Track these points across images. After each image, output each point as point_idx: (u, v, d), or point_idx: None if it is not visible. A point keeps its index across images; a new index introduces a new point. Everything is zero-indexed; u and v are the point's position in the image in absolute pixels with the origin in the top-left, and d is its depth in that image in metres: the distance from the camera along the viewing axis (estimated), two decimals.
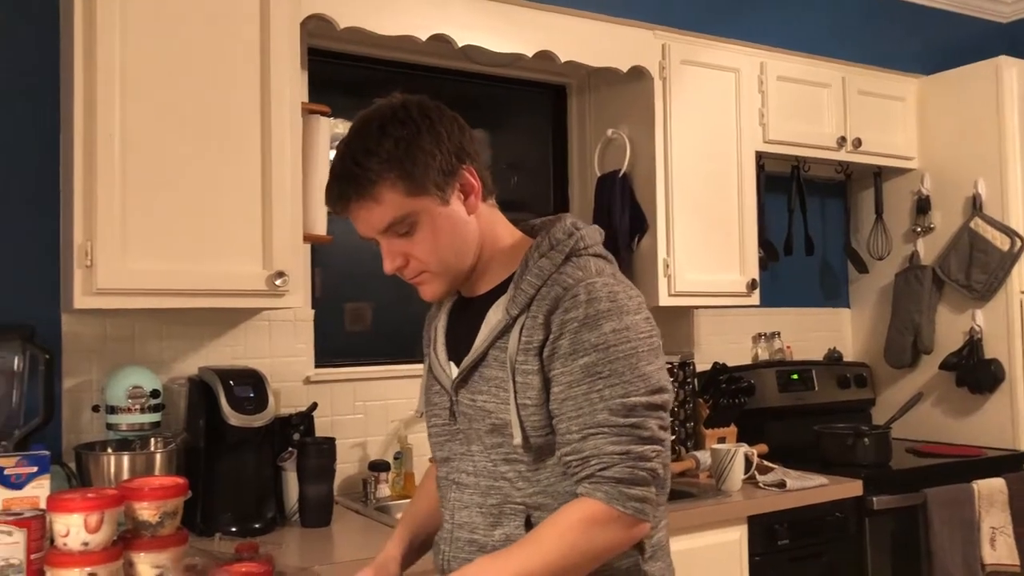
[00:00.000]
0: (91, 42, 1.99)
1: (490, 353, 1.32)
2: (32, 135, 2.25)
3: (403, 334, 2.96)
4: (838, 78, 3.26)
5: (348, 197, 1.29)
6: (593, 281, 1.27)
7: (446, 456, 1.41)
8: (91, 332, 2.28)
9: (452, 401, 1.38)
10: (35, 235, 2.23)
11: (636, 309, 1.28)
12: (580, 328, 1.24)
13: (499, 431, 1.31)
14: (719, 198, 2.96)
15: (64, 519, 1.45)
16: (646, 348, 1.26)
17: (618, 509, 1.21)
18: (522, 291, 1.30)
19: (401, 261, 1.33)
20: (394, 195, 1.27)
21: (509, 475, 1.31)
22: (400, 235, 1.30)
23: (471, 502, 1.35)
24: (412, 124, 1.28)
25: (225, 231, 2.12)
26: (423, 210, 1.28)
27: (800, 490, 2.63)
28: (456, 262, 1.34)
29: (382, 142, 1.26)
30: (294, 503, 2.26)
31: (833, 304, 3.77)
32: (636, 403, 1.23)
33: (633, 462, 1.21)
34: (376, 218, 1.29)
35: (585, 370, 1.23)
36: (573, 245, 1.33)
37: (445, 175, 1.29)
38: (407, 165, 1.26)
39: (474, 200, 1.34)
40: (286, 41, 2.21)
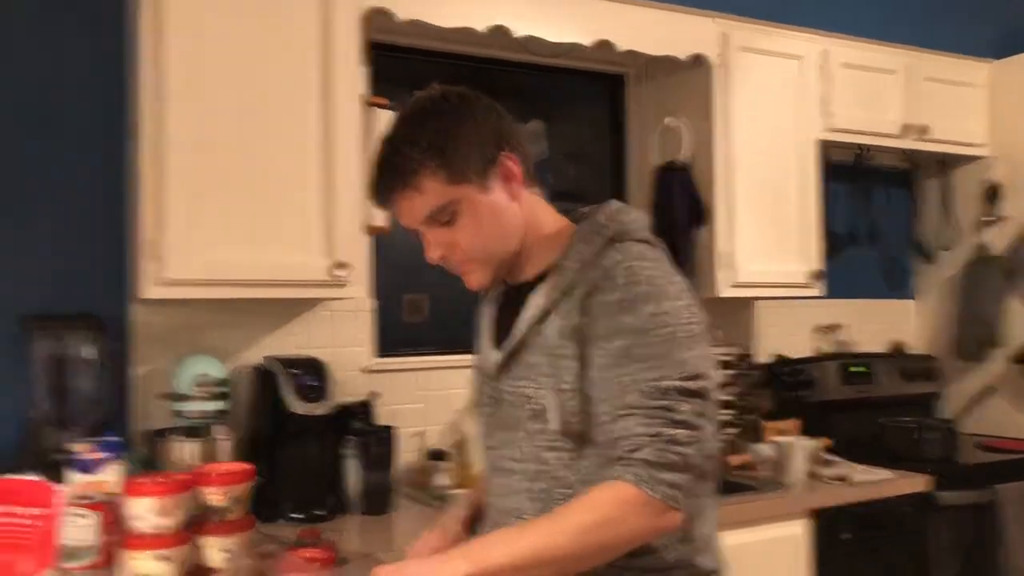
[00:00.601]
0: (160, 40, 2.04)
1: (530, 338, 1.32)
2: (102, 130, 2.31)
3: (460, 324, 2.98)
4: (903, 64, 3.19)
5: (390, 188, 1.30)
6: (632, 264, 1.25)
7: (492, 444, 1.42)
8: (160, 322, 2.34)
9: (495, 388, 1.39)
10: (107, 229, 2.30)
11: (676, 295, 1.25)
12: (616, 311, 1.22)
13: (539, 417, 1.30)
14: (780, 187, 2.92)
15: (137, 503, 1.49)
16: (685, 334, 1.22)
17: (647, 493, 1.16)
18: (563, 276, 1.30)
19: (445, 250, 1.33)
20: (435, 183, 1.27)
21: (552, 462, 1.30)
22: (442, 224, 1.30)
23: (519, 488, 1.35)
24: (451, 113, 1.30)
25: (289, 223, 2.16)
26: (464, 198, 1.28)
27: (864, 484, 2.58)
28: (499, 249, 1.33)
29: (422, 132, 1.27)
30: (355, 491, 2.29)
31: (898, 295, 3.69)
32: (669, 386, 1.19)
33: (664, 444, 1.17)
34: (418, 207, 1.29)
35: (620, 352, 1.21)
36: (615, 229, 1.31)
37: (485, 162, 1.29)
38: (447, 153, 1.27)
39: (516, 186, 1.33)
40: (347, 35, 2.24)
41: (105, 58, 2.31)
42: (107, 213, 2.30)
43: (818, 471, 2.64)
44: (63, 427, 2.07)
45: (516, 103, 3.13)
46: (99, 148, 2.31)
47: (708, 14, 2.81)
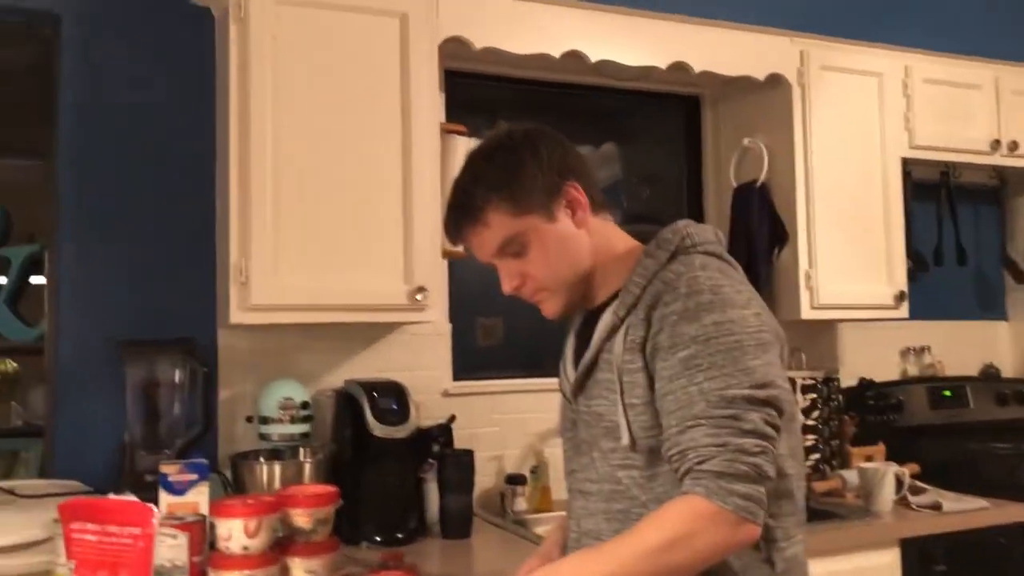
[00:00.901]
0: (245, 70, 2.11)
1: (600, 356, 1.34)
2: (190, 160, 2.39)
3: (535, 348, 2.98)
4: (990, 78, 3.09)
5: (461, 225, 1.37)
6: (695, 275, 1.26)
7: (572, 468, 1.43)
8: (245, 346, 2.40)
9: (573, 410, 1.41)
10: (195, 256, 2.37)
11: (744, 304, 1.24)
12: (679, 321, 1.22)
13: (612, 435, 1.30)
14: (863, 207, 2.85)
15: (226, 524, 1.53)
16: (753, 342, 1.21)
17: (719, 505, 1.13)
18: (629, 291, 1.31)
19: (518, 281, 1.38)
20: (501, 217, 1.33)
21: (626, 481, 1.30)
22: (513, 255, 1.35)
23: (596, 509, 1.35)
24: (513, 149, 1.36)
25: (369, 248, 2.20)
26: (530, 228, 1.33)
27: (958, 513, 2.49)
28: (569, 275, 1.36)
29: (486, 169, 1.35)
30: (435, 514, 2.30)
31: (989, 316, 3.56)
32: (736, 395, 1.17)
33: (732, 454, 1.15)
34: (488, 241, 1.35)
35: (684, 363, 1.20)
36: (679, 243, 1.33)
37: (549, 193, 1.34)
38: (510, 187, 1.32)
39: (582, 214, 1.36)
40: (425, 64, 2.28)
41: (191, 88, 2.39)
42: (198, 241, 2.37)
43: (907, 499, 2.56)
44: (155, 449, 2.14)
45: (590, 126, 3.15)
46: (191, 177, 2.39)
47: (786, 33, 2.78)
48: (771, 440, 1.18)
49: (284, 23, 2.14)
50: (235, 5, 2.11)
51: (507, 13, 2.42)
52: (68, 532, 1.37)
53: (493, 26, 2.41)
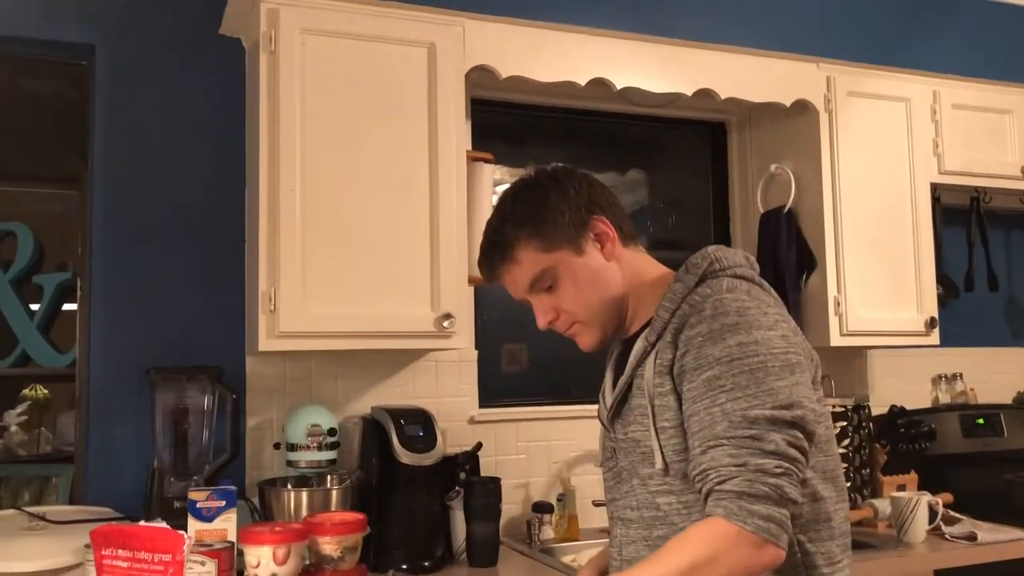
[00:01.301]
0: (274, 100, 2.14)
1: (634, 383, 1.35)
2: (220, 189, 2.42)
3: (560, 374, 2.98)
4: (1020, 103, 3.07)
5: (494, 263, 1.42)
6: (722, 297, 1.27)
7: (613, 497, 1.43)
8: (273, 373, 2.41)
9: (612, 439, 1.42)
10: (224, 284, 2.39)
11: (770, 325, 1.24)
12: (704, 342, 1.23)
13: (649, 460, 1.31)
14: (892, 233, 2.83)
15: (255, 551, 1.53)
16: (778, 364, 1.21)
17: (739, 525, 1.13)
18: (659, 317, 1.33)
19: (552, 315, 1.42)
20: (530, 253, 1.38)
21: (665, 508, 1.30)
22: (545, 290, 1.39)
23: (637, 536, 1.35)
24: (540, 188, 1.41)
25: (396, 275, 2.21)
26: (560, 262, 1.37)
27: (994, 544, 2.44)
28: (601, 307, 1.39)
29: (515, 208, 1.40)
30: (461, 542, 2.29)
31: (1022, 343, 3.50)
32: (759, 416, 1.17)
33: (752, 475, 1.14)
34: (520, 277, 1.40)
35: (707, 384, 1.21)
36: (707, 268, 1.34)
37: (576, 227, 1.38)
38: (538, 223, 1.37)
39: (611, 247, 1.40)
40: (452, 92, 2.30)
41: (222, 118, 2.43)
42: (228, 269, 2.39)
43: (941, 528, 2.51)
44: (183, 475, 2.15)
45: (616, 153, 3.16)
46: (220, 206, 2.41)
47: (812, 59, 2.78)
48: (796, 463, 1.17)
49: (313, 53, 2.17)
50: (265, 36, 2.15)
51: (533, 41, 2.44)
52: (99, 558, 1.38)
53: (519, 55, 2.42)
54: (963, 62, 3.02)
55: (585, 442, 2.74)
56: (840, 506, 1.31)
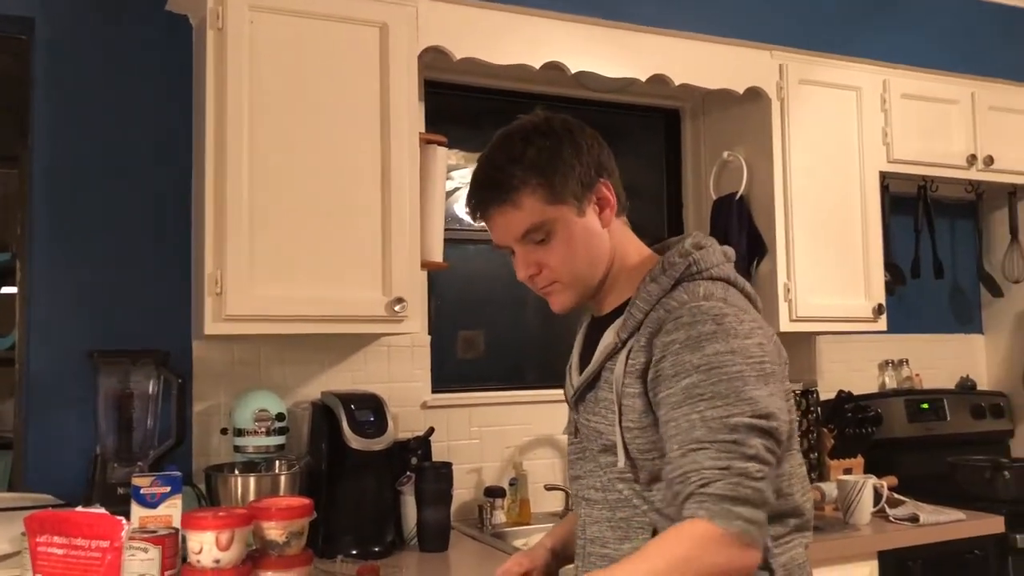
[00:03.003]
0: (222, 79, 2.09)
1: (602, 375, 1.34)
2: (166, 169, 2.36)
3: (516, 362, 2.98)
4: (967, 94, 3.12)
5: (490, 202, 1.34)
6: (699, 304, 1.25)
7: (576, 474, 1.43)
8: (220, 357, 2.37)
9: (575, 418, 1.41)
10: (169, 266, 2.34)
11: (747, 333, 1.23)
12: (681, 349, 1.22)
13: (610, 452, 1.32)
14: (841, 220, 2.87)
15: (198, 536, 1.50)
16: (755, 373, 1.20)
17: (723, 527, 1.12)
18: (631, 315, 1.31)
19: (534, 269, 1.36)
20: (534, 201, 1.31)
21: (626, 493, 1.31)
22: (536, 243, 1.33)
23: (600, 517, 1.36)
24: (554, 136, 1.34)
25: (347, 259, 2.18)
26: (560, 218, 1.32)
27: (935, 525, 2.49)
28: (586, 273, 1.35)
29: (525, 150, 1.32)
30: (412, 527, 2.28)
31: (965, 330, 3.58)
32: (739, 423, 1.17)
33: (737, 478, 1.14)
34: (515, 224, 1.33)
35: (686, 391, 1.20)
36: (685, 270, 1.32)
37: (583, 187, 1.33)
38: (548, 173, 1.31)
39: (609, 214, 1.36)
40: (404, 74, 2.27)
41: (169, 99, 2.37)
42: (174, 251, 2.34)
43: (886, 511, 2.56)
44: (127, 461, 2.10)
45: None
46: (166, 186, 2.36)
47: (765, 47, 2.79)
48: (772, 467, 1.19)
49: (262, 31, 2.13)
50: (212, 13, 2.10)
51: (487, 23, 2.42)
52: (34, 546, 1.34)
53: (473, 36, 2.40)
54: (912, 53, 3.06)
55: (539, 427, 2.75)
56: (804, 499, 1.33)
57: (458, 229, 2.86)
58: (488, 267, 3.00)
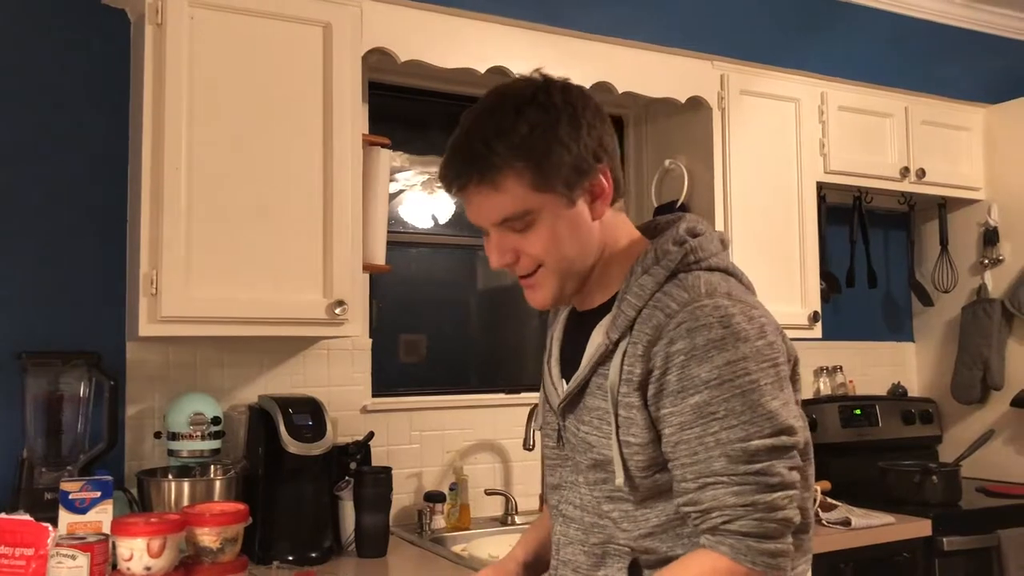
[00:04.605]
0: (160, 77, 2.05)
1: (592, 380, 1.21)
2: (100, 167, 2.31)
3: (459, 366, 2.97)
4: (901, 108, 3.21)
5: (467, 178, 1.17)
6: (701, 305, 1.12)
7: (556, 483, 1.31)
8: (155, 359, 2.32)
9: (560, 425, 1.28)
10: (102, 265, 2.28)
11: (757, 334, 1.12)
12: (687, 361, 1.10)
13: (602, 467, 1.20)
14: (779, 229, 2.92)
15: (128, 543, 1.47)
16: (769, 380, 1.10)
17: (746, 566, 1.07)
18: (622, 313, 1.17)
19: (510, 257, 1.21)
20: (518, 187, 1.15)
21: (613, 514, 1.20)
22: (515, 230, 1.19)
23: (575, 538, 1.26)
24: (553, 110, 1.16)
25: (286, 260, 2.15)
26: (544, 208, 1.16)
27: (866, 528, 2.55)
28: (569, 268, 1.21)
29: (516, 124, 1.15)
30: (350, 533, 2.25)
31: (897, 338, 3.68)
32: (759, 447, 1.07)
33: (761, 514, 1.07)
34: (492, 207, 1.17)
35: (696, 410, 1.09)
36: (681, 259, 1.18)
37: (577, 173, 1.17)
38: (538, 156, 1.14)
39: (601, 206, 1.21)
40: (348, 74, 2.25)
41: (105, 95, 2.32)
42: (108, 249, 2.29)
43: (819, 515, 2.61)
44: (56, 466, 2.05)
45: None
46: (100, 184, 2.30)
47: (707, 57, 2.83)
48: (796, 488, 1.11)
49: (202, 28, 2.09)
50: (151, 8, 2.05)
51: (433, 27, 2.41)
52: None
53: (418, 39, 2.39)
54: (849, 66, 3.14)
55: (481, 431, 2.74)
56: (811, 513, 1.26)
57: (401, 232, 2.85)
58: (432, 270, 2.99)
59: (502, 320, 3.10)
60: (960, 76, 3.47)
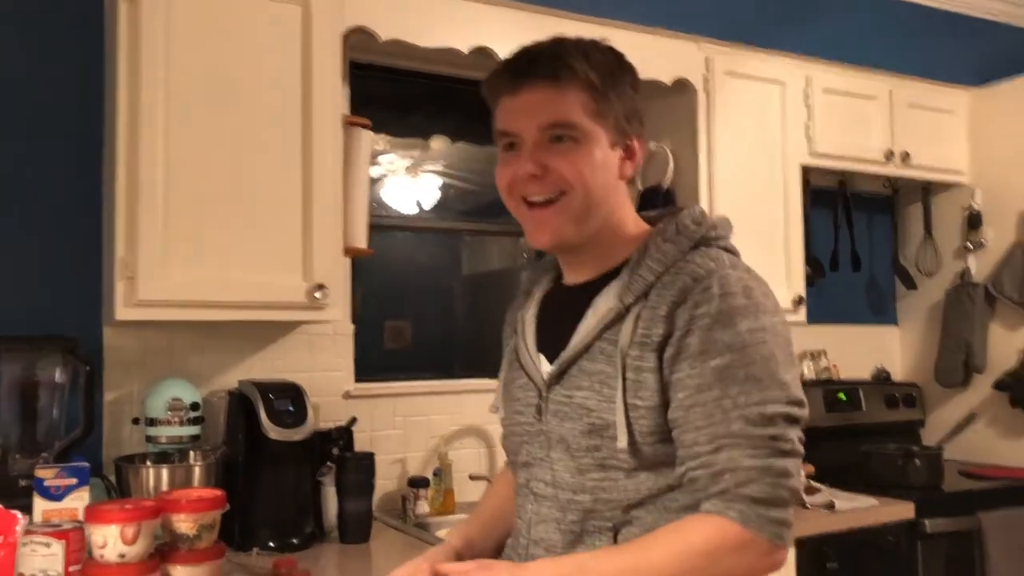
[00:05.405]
0: (135, 56, 2.01)
1: (596, 345, 1.20)
2: (76, 149, 2.26)
3: (444, 353, 2.95)
4: (886, 91, 3.20)
5: (534, 71, 1.20)
6: (727, 273, 1.15)
7: (525, 460, 1.30)
8: (132, 345, 2.28)
9: (542, 397, 1.26)
10: (79, 249, 2.25)
11: (773, 309, 1.16)
12: (712, 325, 1.11)
13: (598, 432, 1.18)
14: (764, 212, 2.91)
15: (101, 530, 1.44)
16: (784, 355, 1.13)
17: (754, 532, 1.07)
18: (640, 277, 1.18)
19: (538, 170, 1.20)
20: (579, 97, 1.19)
21: (604, 484, 1.18)
22: (553, 140, 1.20)
23: (548, 516, 1.24)
24: (621, 62, 1.26)
25: (266, 243, 2.12)
26: (592, 135, 1.20)
27: (850, 511, 2.55)
28: (595, 203, 1.21)
29: (597, 54, 1.22)
30: (333, 519, 2.23)
31: (881, 322, 3.68)
32: (776, 412, 1.09)
33: (774, 479, 1.07)
34: (549, 108, 1.19)
35: (717, 373, 1.10)
36: (703, 233, 1.22)
37: (628, 121, 1.24)
38: (606, 85, 1.20)
39: (630, 168, 1.26)
40: (328, 54, 2.21)
41: (80, 77, 2.27)
42: (84, 232, 2.25)
43: (803, 498, 2.61)
44: (31, 452, 2.01)
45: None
46: (74, 166, 2.26)
47: (692, 38, 2.81)
48: (800, 459, 1.13)
49: (179, 6, 2.04)
50: None
51: (415, 5, 2.38)
52: None
53: (400, 18, 2.36)
54: (835, 48, 3.13)
55: (464, 417, 2.72)
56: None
57: (385, 216, 2.82)
58: (416, 256, 2.97)
59: (487, 306, 3.07)
60: (945, 59, 3.47)
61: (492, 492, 1.53)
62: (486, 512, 1.48)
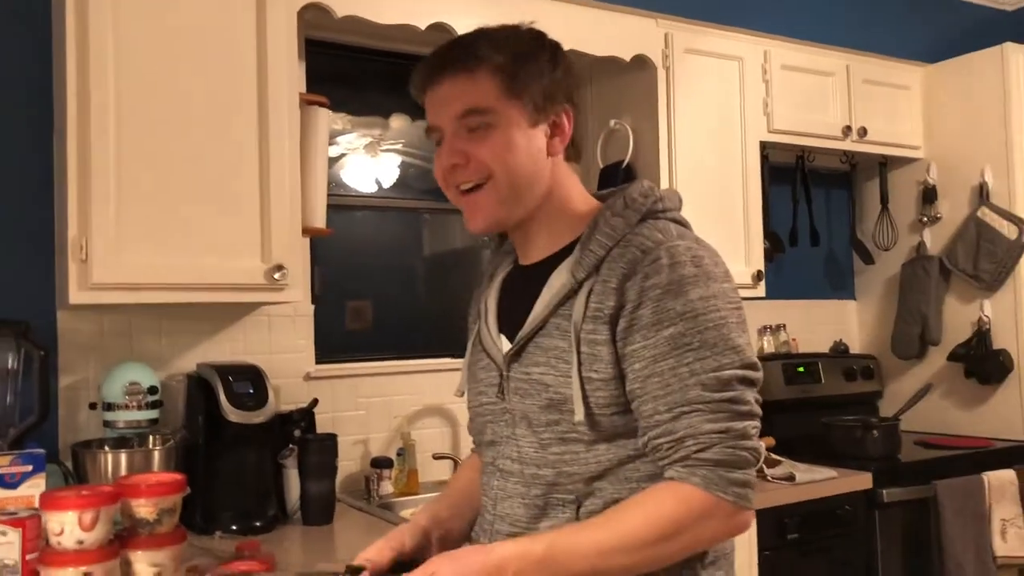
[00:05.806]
0: (83, 31, 1.95)
1: (551, 321, 1.22)
2: (25, 128, 2.21)
3: (405, 331, 2.93)
4: (843, 67, 3.22)
5: (445, 65, 1.23)
6: (675, 244, 1.17)
7: (491, 439, 1.32)
8: (87, 328, 2.24)
9: (502, 376, 1.28)
10: (30, 230, 2.20)
11: (723, 277, 1.18)
12: (663, 295, 1.13)
13: (556, 407, 1.20)
14: (723, 189, 2.92)
15: (58, 517, 1.41)
16: (735, 320, 1.15)
17: (717, 495, 1.09)
18: (591, 252, 1.20)
19: (460, 159, 1.23)
20: (491, 82, 1.22)
21: (565, 457, 1.20)
22: (471, 130, 1.22)
23: (514, 492, 1.26)
24: (541, 40, 1.28)
25: (223, 224, 2.08)
26: (506, 116, 1.22)
27: (809, 483, 2.59)
28: (523, 185, 1.23)
29: (503, 35, 1.25)
30: (296, 501, 2.22)
31: (839, 296, 3.73)
32: (731, 376, 1.11)
33: (734, 441, 1.10)
34: (461, 96, 1.22)
35: (671, 342, 1.12)
36: (651, 206, 1.24)
37: (545, 98, 1.24)
38: (518, 63, 1.22)
39: (558, 143, 1.26)
40: (283, 30, 2.17)
41: (30, 54, 2.21)
42: (35, 213, 2.19)
43: (763, 471, 2.64)
44: None
45: None
46: (25, 145, 2.20)
47: (651, 15, 2.81)
48: (759, 419, 1.15)
49: None
50: None
51: None
52: None
53: None
54: (792, 25, 3.14)
55: (426, 396, 2.72)
56: None
57: (343, 195, 2.79)
58: (376, 235, 2.94)
59: (448, 285, 3.06)
60: (900, 35, 3.50)
61: (460, 475, 1.54)
62: (455, 492, 1.48)
